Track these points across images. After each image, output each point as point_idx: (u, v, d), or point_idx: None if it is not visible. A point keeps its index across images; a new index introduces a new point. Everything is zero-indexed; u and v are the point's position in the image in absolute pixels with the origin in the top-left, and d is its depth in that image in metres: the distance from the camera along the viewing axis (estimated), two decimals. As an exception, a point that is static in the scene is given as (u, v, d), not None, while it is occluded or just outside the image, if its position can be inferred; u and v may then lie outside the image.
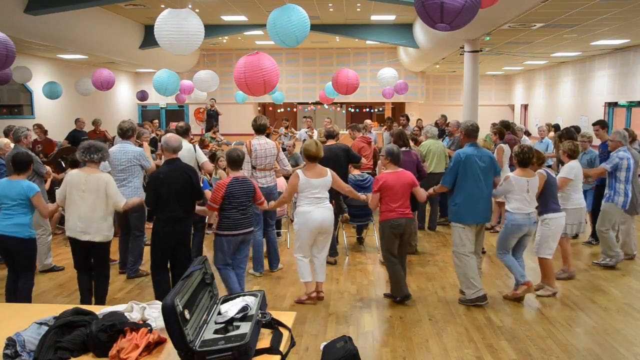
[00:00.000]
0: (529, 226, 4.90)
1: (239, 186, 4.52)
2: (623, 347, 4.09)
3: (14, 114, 11.75)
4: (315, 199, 4.74)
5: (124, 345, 2.32)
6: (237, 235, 4.55)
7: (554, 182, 5.09)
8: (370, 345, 4.16)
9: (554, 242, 5.09)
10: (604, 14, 7.76)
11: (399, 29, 12.68)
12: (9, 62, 5.58)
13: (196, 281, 2.56)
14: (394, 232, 4.86)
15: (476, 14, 4.07)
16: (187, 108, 17.41)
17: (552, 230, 5.04)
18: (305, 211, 4.74)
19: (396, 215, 4.82)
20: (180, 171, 4.49)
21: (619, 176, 5.82)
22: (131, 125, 5.64)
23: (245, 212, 4.58)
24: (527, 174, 4.88)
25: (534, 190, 4.90)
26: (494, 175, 4.97)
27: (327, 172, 4.84)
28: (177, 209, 4.43)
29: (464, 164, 4.83)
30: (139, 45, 12.30)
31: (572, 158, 5.46)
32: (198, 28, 5.20)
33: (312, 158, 4.79)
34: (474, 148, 4.93)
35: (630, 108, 11.36)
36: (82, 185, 4.29)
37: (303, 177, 4.73)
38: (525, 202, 4.84)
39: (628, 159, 5.79)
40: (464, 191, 4.84)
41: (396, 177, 4.86)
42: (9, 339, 2.36)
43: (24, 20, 8.10)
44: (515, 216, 4.87)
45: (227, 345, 2.24)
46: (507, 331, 4.40)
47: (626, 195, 5.83)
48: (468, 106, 9.84)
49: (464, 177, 4.83)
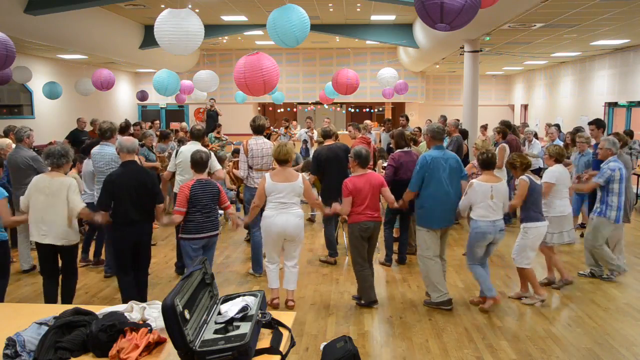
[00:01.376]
0: (494, 234, 4.65)
1: (202, 189, 4.47)
2: (623, 347, 4.09)
3: (14, 114, 11.75)
4: (279, 204, 4.57)
5: (124, 345, 2.32)
6: (202, 239, 4.50)
7: (538, 189, 4.84)
8: (370, 345, 4.16)
9: (532, 251, 4.87)
10: (604, 14, 7.76)
11: (399, 29, 12.68)
12: (9, 62, 5.58)
13: (196, 281, 2.56)
14: (363, 235, 4.74)
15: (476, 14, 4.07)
16: (187, 108, 17.42)
17: (531, 239, 4.82)
18: (268, 216, 4.59)
19: (365, 218, 4.69)
20: (135, 174, 4.41)
21: (612, 189, 5.36)
22: (110, 126, 5.48)
23: (210, 215, 4.52)
24: (492, 179, 4.67)
25: (500, 196, 4.64)
26: (461, 178, 4.85)
27: (297, 177, 4.64)
28: (132, 212, 4.34)
29: (430, 168, 4.72)
30: (139, 45, 12.31)
31: (558, 162, 5.21)
32: (198, 28, 5.20)
33: (281, 161, 4.64)
34: (439, 151, 4.83)
35: (630, 108, 11.36)
36: (46, 189, 4.25)
37: (269, 181, 4.59)
38: (490, 209, 4.61)
39: (620, 169, 5.37)
40: (430, 195, 4.73)
41: (365, 179, 4.72)
42: (9, 339, 2.36)
43: (24, 20, 8.10)
44: (479, 224, 4.64)
45: (227, 345, 2.23)
46: (507, 331, 4.40)
47: (619, 209, 5.40)
48: (468, 106, 9.84)
49: (430, 181, 4.72)
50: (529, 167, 4.90)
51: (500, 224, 4.69)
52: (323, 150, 6.18)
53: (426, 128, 5.18)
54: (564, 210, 5.16)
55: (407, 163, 5.88)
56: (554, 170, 5.14)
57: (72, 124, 10.82)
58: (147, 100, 15.26)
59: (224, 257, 6.60)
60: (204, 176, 4.62)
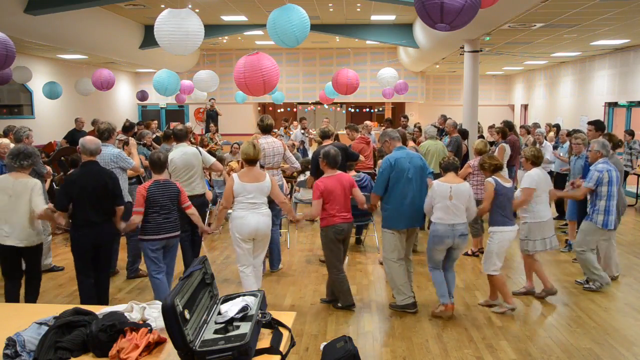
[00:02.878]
0: (453, 239, 4.45)
1: (160, 189, 4.42)
2: (623, 347, 4.09)
3: (14, 114, 11.75)
4: (249, 204, 4.51)
5: (124, 345, 2.32)
6: (160, 240, 4.44)
7: (505, 192, 4.62)
8: (370, 345, 4.16)
9: (499, 258, 4.63)
10: (604, 14, 7.76)
11: (399, 29, 12.68)
12: (9, 62, 5.58)
13: (196, 281, 2.56)
14: (338, 237, 4.67)
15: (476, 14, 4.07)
16: (187, 108, 17.42)
17: (496, 245, 4.61)
18: (239, 216, 4.52)
19: (339, 220, 4.63)
20: (95, 175, 4.36)
21: (600, 192, 5.10)
22: (108, 127, 5.45)
23: (169, 216, 4.46)
24: (453, 180, 4.53)
25: (462, 198, 4.46)
26: (426, 176, 4.80)
27: (264, 176, 4.60)
28: (92, 213, 4.30)
29: (394, 169, 4.65)
30: (139, 45, 12.31)
31: (536, 165, 4.97)
32: (198, 28, 5.20)
33: (249, 161, 4.57)
34: (403, 152, 4.78)
35: (630, 108, 11.36)
36: (9, 190, 4.23)
37: (237, 181, 4.51)
38: (449, 211, 4.43)
39: (609, 171, 5.09)
40: (395, 196, 4.65)
41: (335, 180, 4.66)
42: (9, 339, 2.36)
43: (24, 21, 8.10)
44: (437, 226, 4.48)
45: (227, 345, 2.24)
46: (507, 331, 4.40)
47: (607, 213, 5.09)
48: (468, 106, 9.84)
49: (395, 182, 4.65)
50: (499, 169, 4.75)
51: (461, 228, 4.47)
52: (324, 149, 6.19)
53: (383, 131, 5.09)
54: (544, 216, 4.90)
55: None
56: (533, 175, 4.87)
57: (72, 124, 10.81)
58: (147, 100, 15.26)
59: (224, 257, 6.61)
60: (163, 177, 4.54)
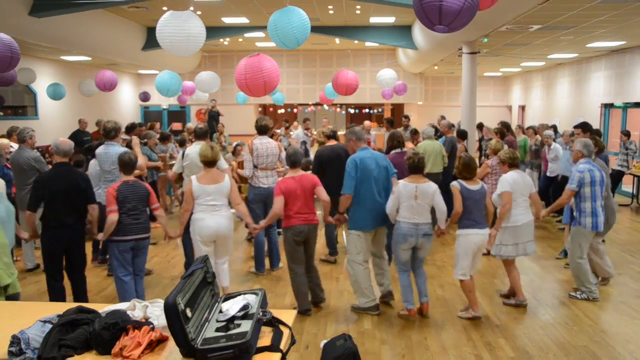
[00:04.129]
0: (417, 238, 4.44)
1: (129, 190, 4.39)
2: (619, 345, 4.14)
3: (18, 115, 11.79)
4: (209, 207, 4.49)
5: (127, 343, 2.35)
6: (129, 241, 4.40)
7: (470, 195, 4.49)
8: (370, 343, 4.21)
9: (465, 261, 4.52)
10: (600, 16, 7.79)
11: (398, 30, 12.72)
12: (14, 64, 5.62)
13: (198, 280, 2.60)
14: (297, 239, 4.60)
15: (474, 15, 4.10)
16: (188, 109, 17.45)
17: (461, 248, 4.54)
18: (199, 218, 4.51)
19: (299, 222, 4.56)
20: (67, 176, 4.36)
21: (584, 193, 4.88)
22: (114, 126, 5.49)
23: (138, 217, 4.42)
24: (418, 180, 4.51)
25: (426, 198, 4.45)
26: (391, 176, 4.74)
27: (223, 177, 4.58)
28: (63, 214, 4.30)
29: (360, 169, 4.61)
30: (141, 47, 12.35)
31: (513, 167, 4.85)
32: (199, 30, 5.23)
33: (207, 163, 4.56)
34: (367, 152, 4.74)
35: (626, 109, 11.39)
36: None
37: (196, 184, 4.49)
38: (414, 210, 4.42)
39: (590, 170, 4.87)
40: (361, 197, 4.62)
41: (297, 180, 4.60)
42: (14, 336, 2.39)
43: (29, 23, 8.15)
44: (401, 225, 4.48)
45: (228, 343, 2.27)
46: (505, 329, 4.44)
47: (595, 215, 4.88)
48: (466, 107, 9.88)
49: (361, 183, 4.61)
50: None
51: (424, 228, 4.45)
52: (325, 150, 6.25)
53: (350, 129, 5.05)
54: (518, 220, 4.73)
55: (402, 164, 5.92)
56: (508, 178, 4.76)
57: (76, 124, 10.84)
58: (150, 101, 15.27)
59: (225, 257, 6.64)
60: (131, 178, 4.52)
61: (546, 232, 7.88)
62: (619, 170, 9.55)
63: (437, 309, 4.88)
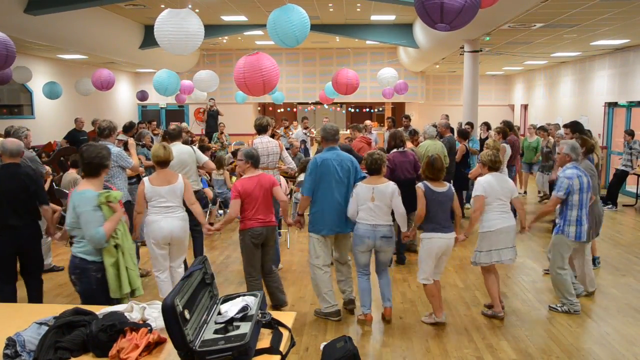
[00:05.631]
0: (374, 240, 4.30)
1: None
2: (623, 347, 4.10)
3: (14, 114, 11.75)
4: (163, 208, 4.37)
5: (124, 345, 2.32)
6: None
7: (435, 197, 4.32)
8: (370, 345, 4.17)
9: (427, 265, 4.36)
10: (604, 14, 7.75)
11: (398, 29, 12.68)
12: (9, 62, 5.58)
13: (196, 281, 2.55)
14: (254, 242, 4.41)
15: (476, 14, 4.07)
16: (187, 108, 17.42)
17: (424, 251, 4.38)
18: (152, 221, 4.39)
19: (256, 224, 4.39)
20: (15, 177, 4.26)
21: (571, 201, 4.59)
22: (109, 125, 5.41)
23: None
24: (376, 181, 4.36)
25: (384, 199, 4.30)
26: (356, 181, 4.53)
27: (176, 178, 4.45)
28: (11, 216, 4.20)
29: (320, 170, 4.45)
30: (139, 45, 12.30)
31: (493, 170, 4.61)
32: (198, 28, 5.20)
33: (160, 163, 4.42)
34: (333, 152, 4.56)
35: (630, 108, 11.35)
36: None
37: (148, 185, 4.37)
38: (371, 212, 4.29)
39: (579, 177, 4.57)
40: (320, 199, 4.47)
41: (255, 181, 4.41)
42: (9, 339, 2.36)
43: (24, 21, 8.10)
44: (358, 226, 4.36)
45: (227, 345, 2.23)
46: (507, 331, 4.40)
47: (579, 224, 4.59)
48: (468, 106, 9.85)
49: (320, 184, 4.45)
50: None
51: (383, 230, 4.31)
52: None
53: (323, 126, 4.89)
54: (493, 226, 4.47)
55: (402, 163, 5.90)
56: (482, 182, 4.54)
57: (72, 124, 10.82)
58: (147, 100, 15.26)
59: (224, 257, 6.61)
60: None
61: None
62: (623, 170, 9.50)
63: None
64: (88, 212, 3.26)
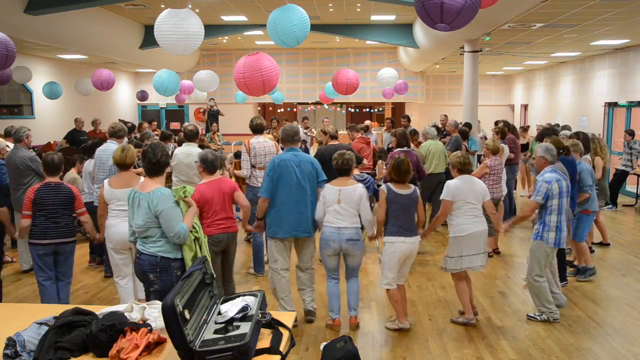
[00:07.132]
0: (340, 243, 4.17)
1: (49, 192, 4.21)
2: (623, 347, 4.10)
3: (14, 114, 11.75)
4: (121, 212, 4.19)
5: (124, 345, 2.32)
6: (47, 245, 4.20)
7: (398, 200, 4.20)
8: (370, 345, 4.16)
9: (390, 270, 4.23)
10: (604, 14, 7.75)
11: (399, 29, 12.68)
12: (9, 62, 5.58)
13: (196, 281, 2.56)
14: (215, 249, 4.13)
15: (476, 14, 4.07)
16: (187, 108, 17.42)
17: (386, 255, 4.25)
18: (110, 224, 4.27)
19: (217, 231, 4.13)
20: None
21: (551, 205, 4.42)
22: (123, 127, 5.47)
23: (57, 220, 4.21)
24: (343, 183, 4.24)
25: (351, 202, 4.17)
26: (318, 184, 4.37)
27: (137, 181, 4.19)
28: None
29: (278, 171, 4.27)
30: (139, 45, 12.30)
31: (463, 172, 4.48)
32: (198, 28, 5.20)
33: (120, 166, 4.28)
34: (292, 153, 4.37)
35: (630, 108, 11.35)
36: None
37: (107, 187, 4.26)
38: (337, 214, 4.16)
39: (558, 180, 4.41)
40: (276, 201, 4.29)
41: (214, 186, 4.17)
42: (9, 339, 2.36)
43: (24, 21, 8.10)
44: (324, 229, 4.23)
45: (227, 345, 2.24)
46: (507, 331, 4.40)
47: (559, 230, 4.43)
48: (468, 106, 9.84)
49: (278, 185, 4.28)
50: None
51: (348, 232, 4.17)
52: (328, 149, 6.21)
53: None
54: (463, 230, 4.34)
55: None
56: (450, 185, 4.41)
57: (72, 124, 10.82)
58: (147, 100, 15.25)
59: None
60: (55, 179, 4.34)
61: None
62: (623, 170, 9.50)
63: (438, 310, 4.84)
64: (170, 208, 3.27)
